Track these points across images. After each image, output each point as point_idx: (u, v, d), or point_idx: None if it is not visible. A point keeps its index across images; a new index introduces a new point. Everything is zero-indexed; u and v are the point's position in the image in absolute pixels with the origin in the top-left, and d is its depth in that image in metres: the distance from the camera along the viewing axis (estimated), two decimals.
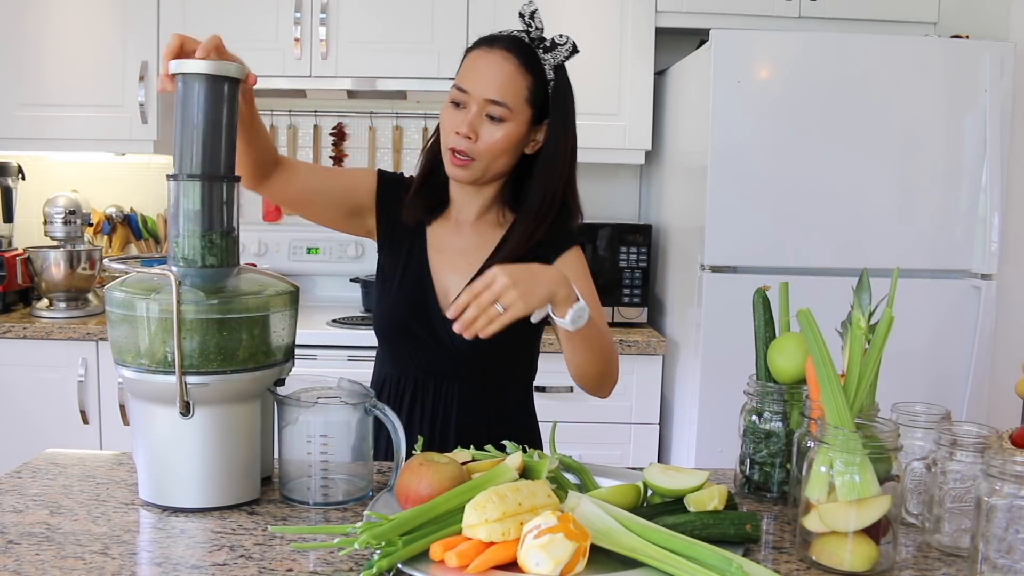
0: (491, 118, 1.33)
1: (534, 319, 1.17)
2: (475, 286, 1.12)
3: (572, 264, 1.42)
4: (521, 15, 1.37)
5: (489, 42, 1.36)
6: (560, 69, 1.39)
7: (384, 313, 1.47)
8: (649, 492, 1.10)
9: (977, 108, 2.30)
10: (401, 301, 1.44)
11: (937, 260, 2.36)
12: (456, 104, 1.35)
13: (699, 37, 2.75)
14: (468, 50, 1.39)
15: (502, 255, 1.40)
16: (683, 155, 2.64)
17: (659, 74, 2.86)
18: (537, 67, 1.36)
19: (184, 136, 1.11)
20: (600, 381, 1.33)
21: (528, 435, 1.50)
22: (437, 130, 1.43)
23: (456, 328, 1.12)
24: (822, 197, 2.32)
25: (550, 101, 1.38)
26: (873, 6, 2.76)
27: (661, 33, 2.80)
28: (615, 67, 2.77)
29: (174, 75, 1.12)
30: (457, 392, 1.43)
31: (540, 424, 1.54)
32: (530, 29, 1.37)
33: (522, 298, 1.11)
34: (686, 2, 2.76)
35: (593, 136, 2.77)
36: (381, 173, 1.50)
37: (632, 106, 2.79)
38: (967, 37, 2.49)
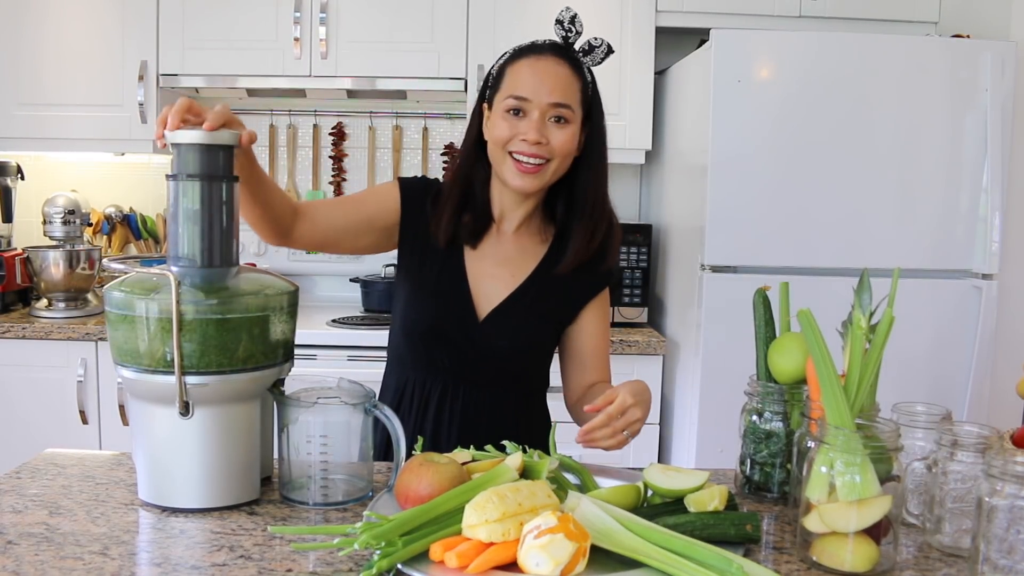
0: (556, 120, 1.35)
1: None
2: (611, 410, 1.18)
3: (603, 307, 1.52)
4: (559, 21, 1.40)
5: (536, 50, 1.38)
6: (591, 71, 1.43)
7: (419, 316, 1.44)
8: (649, 492, 1.10)
9: (978, 108, 2.30)
10: (438, 305, 1.43)
11: (938, 260, 2.36)
12: (516, 113, 1.35)
13: (699, 37, 2.74)
14: (508, 61, 1.39)
15: (563, 262, 1.43)
16: (683, 155, 2.64)
17: (659, 74, 2.86)
18: (582, 68, 1.40)
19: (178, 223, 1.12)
20: None
21: (545, 440, 1.50)
22: (462, 155, 1.44)
23: (578, 439, 1.19)
24: (822, 197, 2.32)
25: (592, 102, 1.41)
26: (874, 5, 2.76)
27: (661, 33, 2.80)
28: (615, 67, 2.77)
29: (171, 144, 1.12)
30: (487, 398, 1.43)
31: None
32: (569, 35, 1.40)
33: (643, 423, 1.21)
34: (686, 2, 2.75)
35: None
36: (403, 184, 1.48)
37: (632, 106, 2.79)
38: (968, 37, 2.49)
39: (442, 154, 3.17)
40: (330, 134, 3.16)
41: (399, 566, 0.91)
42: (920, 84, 2.30)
